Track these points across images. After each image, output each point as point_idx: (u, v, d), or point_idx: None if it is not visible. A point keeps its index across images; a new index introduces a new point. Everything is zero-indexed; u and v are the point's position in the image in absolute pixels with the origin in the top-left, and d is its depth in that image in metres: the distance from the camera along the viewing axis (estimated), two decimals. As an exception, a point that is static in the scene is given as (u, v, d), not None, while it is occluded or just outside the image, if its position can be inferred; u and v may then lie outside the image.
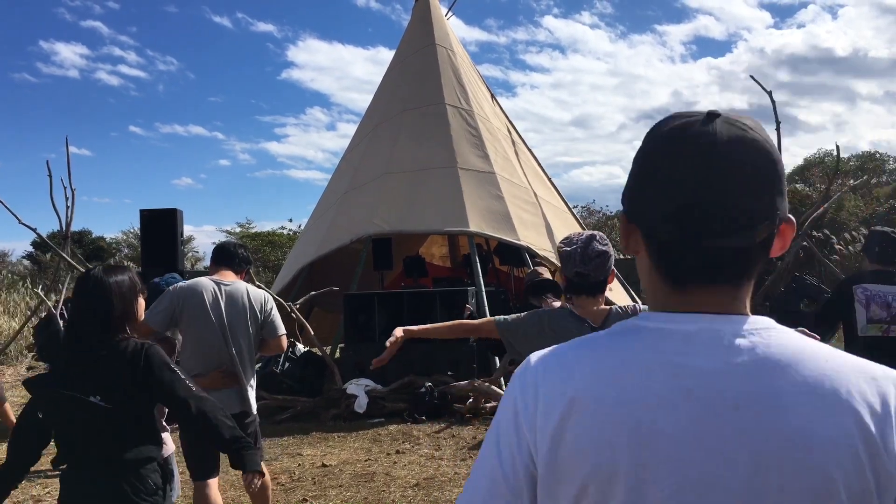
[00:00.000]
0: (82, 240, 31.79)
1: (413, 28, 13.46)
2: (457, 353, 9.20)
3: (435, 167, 11.25)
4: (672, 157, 0.94)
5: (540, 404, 0.96)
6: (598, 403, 0.92)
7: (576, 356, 0.99)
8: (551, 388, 0.96)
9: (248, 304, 4.30)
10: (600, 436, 0.90)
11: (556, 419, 0.93)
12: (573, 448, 0.92)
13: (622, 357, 0.95)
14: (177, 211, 9.73)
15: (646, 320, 0.98)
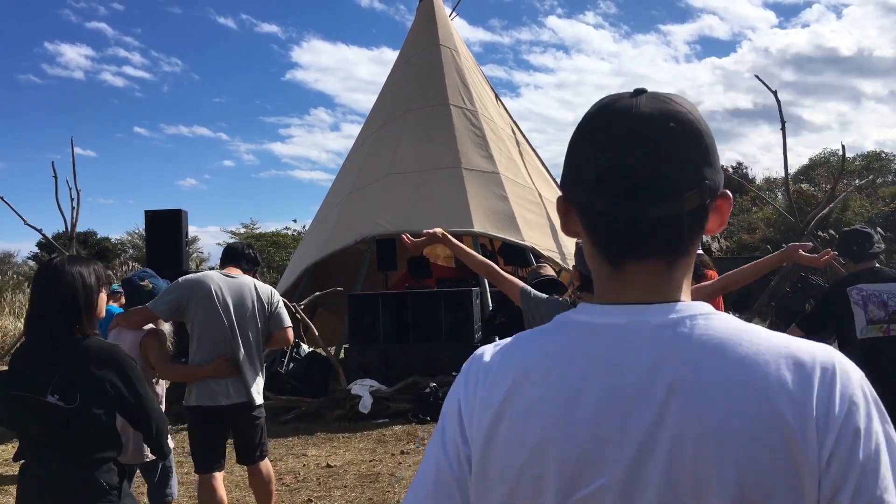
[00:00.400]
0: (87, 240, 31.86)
1: (417, 28, 13.47)
2: (461, 353, 9.17)
3: (439, 168, 11.25)
4: (596, 128, 0.96)
5: (478, 399, 0.97)
6: (531, 398, 0.93)
7: (515, 350, 1.00)
8: (492, 381, 0.97)
9: (255, 297, 4.38)
10: (529, 434, 0.91)
11: (492, 412, 0.94)
12: (505, 448, 0.92)
13: (552, 353, 0.95)
14: (181, 212, 9.76)
15: (580, 313, 0.98)
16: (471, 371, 1.02)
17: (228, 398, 4.26)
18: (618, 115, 0.94)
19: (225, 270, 4.46)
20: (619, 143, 0.92)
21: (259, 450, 4.49)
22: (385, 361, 9.30)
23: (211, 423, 4.31)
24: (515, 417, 0.93)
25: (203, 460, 4.32)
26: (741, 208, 28.35)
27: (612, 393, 0.89)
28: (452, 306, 9.44)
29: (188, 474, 6.17)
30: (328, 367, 9.50)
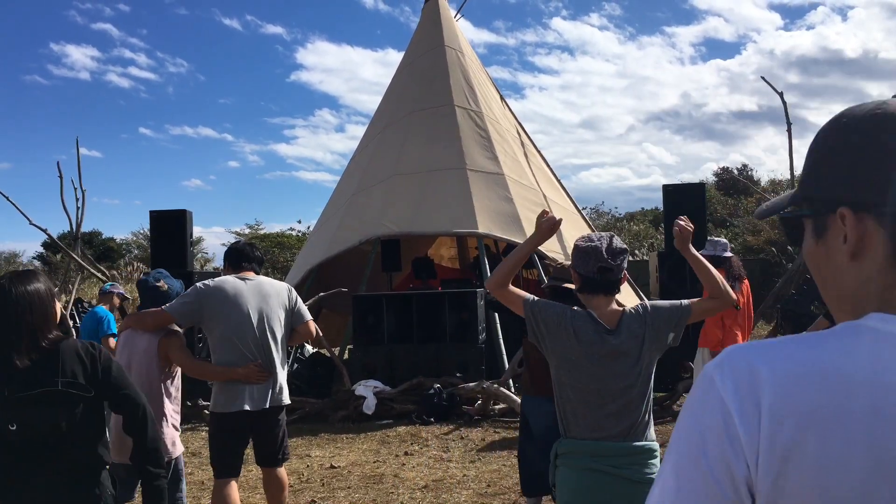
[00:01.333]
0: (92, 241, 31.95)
1: (422, 30, 13.47)
2: (465, 354, 9.19)
3: (444, 169, 11.25)
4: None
5: (765, 413, 0.82)
6: (849, 417, 0.80)
7: (805, 356, 0.86)
8: (782, 394, 0.83)
9: (274, 295, 4.36)
10: (853, 454, 0.79)
11: (787, 434, 0.81)
12: (817, 471, 0.80)
13: (866, 365, 0.82)
14: (186, 212, 9.77)
15: (883, 322, 0.85)
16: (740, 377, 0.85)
17: (255, 403, 4.21)
18: None
19: (240, 274, 4.41)
20: None
21: (281, 452, 4.45)
22: (389, 362, 9.30)
23: (236, 429, 4.27)
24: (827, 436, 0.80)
25: (223, 466, 4.29)
26: (746, 210, 28.28)
27: None
28: (457, 307, 9.44)
29: (191, 474, 6.17)
30: (332, 367, 9.51)
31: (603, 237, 2.85)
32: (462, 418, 8.27)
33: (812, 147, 0.96)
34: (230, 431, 4.26)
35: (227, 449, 4.29)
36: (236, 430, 4.27)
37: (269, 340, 4.27)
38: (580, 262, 2.82)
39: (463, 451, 7.02)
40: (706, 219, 10.98)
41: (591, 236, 2.88)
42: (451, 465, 6.56)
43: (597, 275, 2.78)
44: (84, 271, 10.09)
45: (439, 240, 14.80)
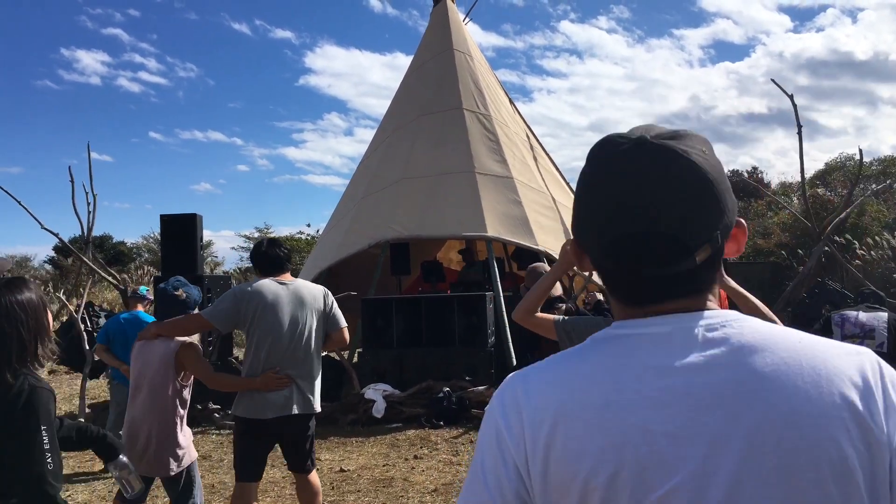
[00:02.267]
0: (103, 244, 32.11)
1: (431, 33, 13.49)
2: (474, 358, 9.19)
3: (453, 172, 11.25)
4: (602, 188, 0.95)
5: (526, 422, 0.94)
6: (585, 410, 0.91)
7: (556, 370, 0.98)
8: (536, 404, 0.95)
9: (311, 301, 4.30)
10: (593, 442, 0.90)
11: (544, 434, 0.92)
12: (566, 459, 0.90)
13: (603, 364, 0.95)
14: (196, 216, 9.81)
15: (618, 328, 0.98)
16: (506, 397, 0.99)
17: (279, 410, 4.15)
18: (621, 176, 0.94)
19: (278, 277, 4.33)
20: (627, 210, 0.92)
21: (309, 458, 4.39)
22: (398, 366, 9.30)
23: (259, 435, 4.24)
24: (574, 428, 0.91)
25: (245, 470, 4.27)
26: (756, 213, 28.16)
27: (674, 394, 0.89)
28: (466, 311, 9.43)
29: (202, 478, 6.19)
30: (342, 371, 9.51)
31: None
32: (471, 422, 8.26)
33: None
34: (253, 437, 4.24)
35: (248, 454, 4.27)
36: (259, 436, 4.24)
37: (302, 347, 4.21)
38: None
39: (472, 455, 7.01)
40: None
41: None
42: (460, 468, 6.55)
43: None
44: (95, 275, 10.13)
45: (448, 243, 14.80)
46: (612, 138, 0.98)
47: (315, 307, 4.31)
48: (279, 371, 4.15)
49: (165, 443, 4.02)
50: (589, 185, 0.98)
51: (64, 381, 12.81)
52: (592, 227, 0.97)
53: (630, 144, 0.94)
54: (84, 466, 7.11)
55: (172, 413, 4.06)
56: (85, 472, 6.93)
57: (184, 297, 4.27)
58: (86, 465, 7.14)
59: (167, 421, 4.04)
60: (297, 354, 4.20)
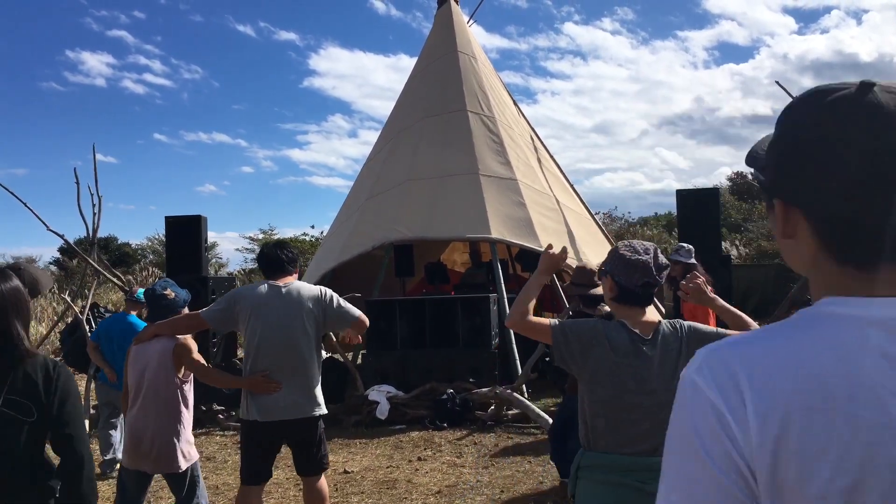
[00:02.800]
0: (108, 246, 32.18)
1: (435, 35, 13.50)
2: (478, 359, 9.19)
3: (457, 174, 11.26)
4: (839, 127, 0.87)
5: (750, 409, 0.85)
6: (826, 403, 0.83)
7: (776, 348, 0.88)
8: (761, 388, 0.85)
9: (306, 303, 4.25)
10: (836, 441, 0.82)
11: (774, 427, 0.84)
12: (802, 459, 0.82)
13: (835, 348, 0.86)
14: (201, 217, 9.84)
15: (839, 305, 0.89)
16: (721, 374, 0.88)
17: (284, 413, 4.16)
18: (865, 115, 0.87)
19: (276, 280, 4.33)
20: (873, 147, 0.85)
21: (319, 462, 4.35)
22: (402, 367, 9.31)
23: (265, 438, 4.24)
24: (810, 425, 0.83)
25: (251, 473, 4.27)
26: (761, 215, 28.12)
27: None
28: (470, 312, 9.44)
29: (205, 478, 6.20)
30: (345, 372, 9.52)
31: (649, 250, 2.76)
32: (475, 423, 8.26)
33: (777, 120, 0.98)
34: (255, 440, 4.25)
35: (251, 456, 4.28)
36: (261, 440, 4.24)
37: (295, 350, 4.19)
38: (623, 274, 2.74)
39: (476, 457, 7.01)
40: (720, 224, 10.93)
41: (634, 247, 2.79)
42: (464, 470, 6.56)
43: (639, 289, 2.73)
44: (100, 276, 10.16)
45: (452, 245, 14.80)
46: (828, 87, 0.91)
47: (311, 309, 4.26)
48: (270, 374, 4.15)
49: (171, 440, 4.07)
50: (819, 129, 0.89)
51: (69, 382, 12.83)
52: (829, 173, 0.87)
53: (857, 86, 0.89)
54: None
55: (176, 410, 4.11)
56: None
57: (172, 297, 4.33)
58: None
59: (171, 418, 4.09)
60: (289, 357, 4.19)
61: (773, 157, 0.95)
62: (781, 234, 0.95)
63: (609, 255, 2.88)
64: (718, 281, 9.65)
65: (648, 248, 2.79)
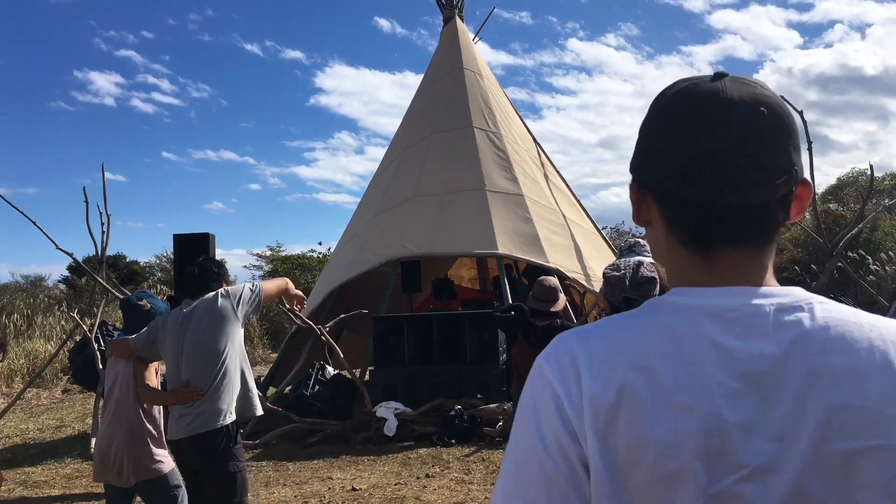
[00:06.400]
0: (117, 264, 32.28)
1: (441, 52, 13.59)
2: (486, 375, 9.17)
3: (463, 190, 11.29)
4: (682, 113, 0.92)
5: (585, 393, 0.87)
6: (654, 391, 0.85)
7: (618, 337, 0.91)
8: (597, 373, 0.88)
9: (204, 315, 4.00)
10: (661, 427, 0.84)
11: (605, 411, 0.86)
12: (632, 440, 0.85)
13: (670, 337, 0.88)
14: (209, 235, 9.85)
15: (679, 295, 0.92)
16: (563, 360, 0.91)
17: (174, 433, 3.94)
18: (706, 98, 0.91)
19: (186, 302, 4.15)
20: (710, 128, 0.89)
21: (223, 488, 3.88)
22: (410, 384, 9.29)
23: (176, 459, 4.10)
24: (642, 408, 0.85)
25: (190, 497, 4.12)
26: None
27: (747, 382, 0.85)
28: (477, 328, 9.42)
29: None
30: (353, 389, 9.51)
31: (629, 266, 2.83)
32: (483, 440, 8.23)
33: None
34: (175, 459, 4.11)
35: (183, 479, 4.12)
36: (177, 460, 4.08)
37: (196, 365, 3.94)
38: (608, 291, 2.85)
39: (485, 473, 6.98)
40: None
41: (619, 265, 2.87)
42: (472, 487, 6.52)
43: (622, 304, 2.79)
44: (108, 294, 10.20)
45: (459, 261, 14.81)
46: (686, 78, 0.96)
47: (209, 315, 3.98)
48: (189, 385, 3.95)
49: (135, 452, 4.12)
50: (668, 109, 0.94)
51: (77, 401, 12.87)
52: (669, 149, 0.92)
53: (711, 77, 0.94)
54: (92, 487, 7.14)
55: (139, 425, 4.15)
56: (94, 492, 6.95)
57: (148, 308, 4.35)
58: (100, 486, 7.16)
59: (133, 433, 4.14)
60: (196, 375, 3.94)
61: (636, 144, 0.99)
62: (636, 218, 0.99)
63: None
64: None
65: (630, 264, 2.86)
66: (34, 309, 20.66)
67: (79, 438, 8.58)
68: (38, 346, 16.23)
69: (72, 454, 8.46)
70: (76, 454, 8.44)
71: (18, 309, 19.99)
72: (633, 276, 2.79)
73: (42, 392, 13.63)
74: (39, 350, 15.80)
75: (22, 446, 9.26)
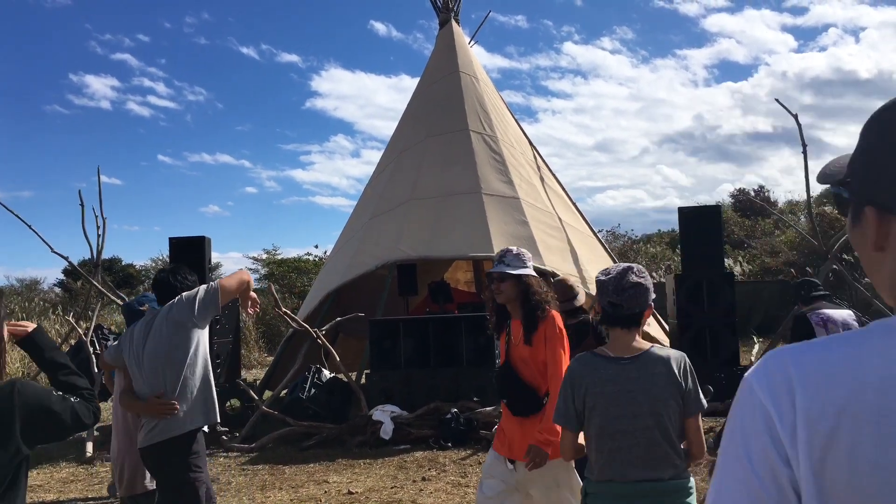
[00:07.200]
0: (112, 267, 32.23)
1: (437, 56, 13.61)
2: (483, 378, 9.16)
3: (459, 193, 11.30)
4: None
5: (800, 413, 0.83)
6: (880, 414, 0.79)
7: (840, 357, 0.85)
8: (813, 393, 0.83)
9: (162, 323, 3.95)
10: (888, 454, 0.78)
11: (823, 434, 0.81)
12: (848, 468, 0.79)
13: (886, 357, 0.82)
14: (205, 238, 9.86)
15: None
16: (776, 379, 0.86)
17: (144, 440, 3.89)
18: None
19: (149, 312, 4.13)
20: None
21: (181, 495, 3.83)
22: (406, 387, 9.28)
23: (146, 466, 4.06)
24: (863, 435, 0.79)
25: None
26: (764, 231, 28.12)
27: None
28: (474, 331, 9.42)
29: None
30: (349, 392, 9.50)
31: (616, 271, 2.81)
32: (480, 443, 8.22)
33: (861, 132, 0.95)
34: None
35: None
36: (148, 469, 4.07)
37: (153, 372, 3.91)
38: (598, 295, 2.86)
39: (480, 477, 6.97)
40: (723, 240, 10.93)
41: (609, 269, 2.86)
42: (469, 490, 6.52)
43: (608, 308, 2.80)
44: (104, 298, 10.17)
45: (455, 264, 14.81)
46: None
47: (167, 324, 3.93)
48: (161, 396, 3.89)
49: (135, 462, 4.15)
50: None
51: (72, 404, 12.81)
52: None
53: None
54: (93, 491, 7.11)
55: (133, 434, 4.17)
56: (95, 496, 6.92)
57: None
58: (94, 490, 7.13)
59: (132, 442, 4.16)
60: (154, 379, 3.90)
61: (864, 164, 0.91)
62: (873, 245, 0.90)
63: None
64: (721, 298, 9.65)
65: (619, 269, 2.83)
66: (29, 312, 20.60)
67: (74, 443, 8.54)
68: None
69: (67, 458, 8.43)
70: (71, 458, 8.41)
71: (14, 312, 19.93)
72: (618, 280, 2.77)
73: (37, 396, 13.57)
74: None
75: (17, 450, 9.20)
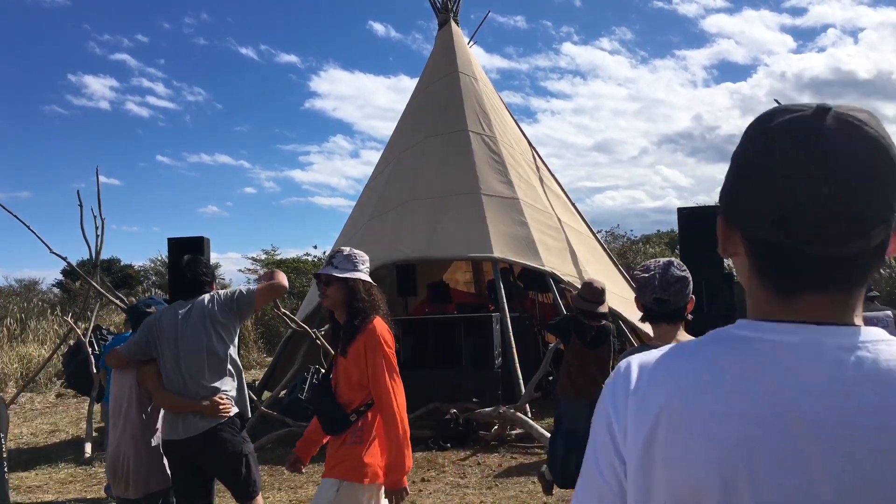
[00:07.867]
0: (111, 268, 32.21)
1: (436, 56, 13.60)
2: (482, 379, 9.16)
3: (458, 193, 11.30)
4: (777, 155, 0.87)
5: (630, 413, 0.92)
6: (691, 415, 0.88)
7: (668, 364, 0.94)
8: (642, 396, 0.92)
9: (202, 317, 4.10)
10: (692, 449, 0.86)
11: (646, 428, 0.90)
12: (663, 460, 0.88)
13: (718, 367, 0.89)
14: (204, 239, 9.83)
15: (744, 329, 0.92)
16: (618, 385, 0.96)
17: (183, 432, 4.00)
18: (805, 141, 0.86)
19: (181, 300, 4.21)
20: (807, 180, 0.85)
21: (246, 487, 4.10)
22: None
23: (177, 459, 4.09)
24: (676, 430, 0.88)
25: (178, 497, 4.16)
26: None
27: (785, 418, 0.84)
28: (473, 332, 9.42)
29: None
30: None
31: (658, 267, 2.81)
32: (479, 444, 8.22)
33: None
34: (172, 459, 4.13)
35: (175, 480, 4.14)
36: (177, 460, 4.09)
37: (196, 366, 4.04)
38: (639, 293, 2.83)
39: (480, 477, 6.97)
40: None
41: (648, 265, 2.84)
42: (468, 491, 6.52)
43: (653, 305, 2.78)
44: (103, 298, 10.17)
45: (454, 264, 14.81)
46: (786, 107, 0.90)
47: (208, 320, 4.09)
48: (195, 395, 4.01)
49: (140, 463, 4.15)
50: (762, 152, 0.89)
51: (71, 405, 12.81)
52: (764, 194, 0.88)
53: (813, 110, 0.87)
54: (91, 492, 7.10)
55: (141, 434, 4.18)
56: (95, 497, 6.91)
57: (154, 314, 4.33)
58: (93, 490, 7.13)
59: (137, 442, 4.17)
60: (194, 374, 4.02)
61: (727, 174, 0.95)
62: (722, 250, 0.98)
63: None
64: (721, 299, 9.63)
65: (660, 264, 2.84)
66: (28, 313, 20.57)
67: (72, 443, 8.54)
68: (32, 350, 16.16)
69: (65, 459, 8.42)
70: (70, 459, 8.41)
71: (12, 313, 19.90)
72: (662, 276, 2.75)
73: (36, 396, 13.57)
74: (33, 354, 15.74)
75: (15, 451, 9.21)
